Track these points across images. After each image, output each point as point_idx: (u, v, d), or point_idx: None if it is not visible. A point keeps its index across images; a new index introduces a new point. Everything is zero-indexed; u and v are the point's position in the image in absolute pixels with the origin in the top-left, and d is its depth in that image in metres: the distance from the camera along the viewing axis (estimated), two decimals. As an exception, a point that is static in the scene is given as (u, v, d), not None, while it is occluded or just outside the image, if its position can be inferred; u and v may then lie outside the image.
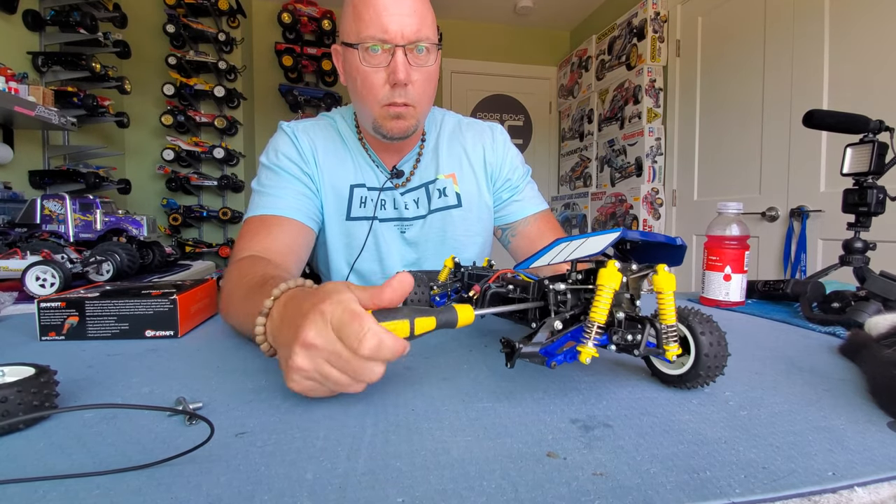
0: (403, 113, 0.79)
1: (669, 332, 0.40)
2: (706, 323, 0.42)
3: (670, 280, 0.40)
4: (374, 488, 0.28)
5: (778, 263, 1.99)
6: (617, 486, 0.28)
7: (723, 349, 0.41)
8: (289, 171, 0.86)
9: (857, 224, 0.78)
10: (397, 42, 0.74)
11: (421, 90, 0.79)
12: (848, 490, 0.28)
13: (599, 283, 0.39)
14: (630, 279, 0.43)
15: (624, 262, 0.42)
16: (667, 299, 0.40)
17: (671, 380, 0.44)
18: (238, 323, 0.59)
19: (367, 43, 0.74)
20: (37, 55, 2.07)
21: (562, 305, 0.44)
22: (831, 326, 0.67)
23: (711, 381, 0.42)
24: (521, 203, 0.99)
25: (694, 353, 0.41)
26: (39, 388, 0.36)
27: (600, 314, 0.39)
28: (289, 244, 0.80)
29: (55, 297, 0.60)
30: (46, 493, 0.27)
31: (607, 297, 0.39)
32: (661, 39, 2.63)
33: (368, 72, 0.77)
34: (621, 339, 0.41)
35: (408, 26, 0.74)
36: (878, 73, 1.61)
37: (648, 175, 2.66)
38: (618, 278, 0.39)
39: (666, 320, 0.40)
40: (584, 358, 0.38)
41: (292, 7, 3.04)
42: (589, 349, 0.38)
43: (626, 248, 0.45)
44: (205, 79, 2.88)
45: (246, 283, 0.60)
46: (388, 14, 0.73)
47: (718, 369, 0.42)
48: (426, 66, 0.78)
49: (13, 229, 1.42)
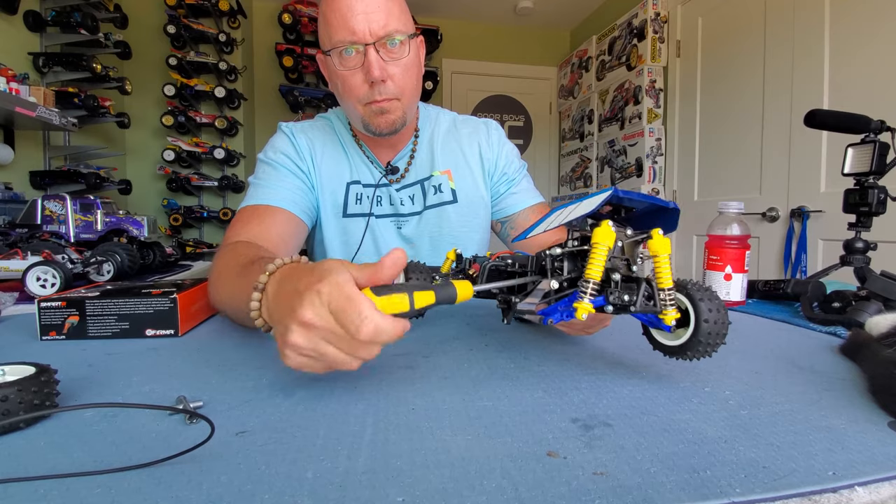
0: (387, 107, 0.80)
1: (666, 295, 0.40)
2: (705, 291, 0.41)
3: (665, 244, 0.40)
4: (374, 487, 0.28)
5: (778, 264, 1.99)
6: (617, 486, 0.28)
7: (723, 317, 0.40)
8: (285, 166, 0.88)
9: (857, 224, 0.78)
10: (367, 41, 0.74)
11: (401, 82, 0.80)
12: (848, 490, 0.28)
13: (594, 241, 0.39)
14: (626, 244, 0.43)
15: (620, 227, 0.42)
16: (662, 262, 0.40)
17: (672, 351, 0.43)
18: (230, 298, 0.58)
19: (339, 47, 0.76)
20: (38, 56, 2.08)
21: (559, 271, 0.45)
22: (832, 326, 0.67)
23: (714, 351, 0.41)
24: (519, 196, 0.99)
25: (693, 320, 0.41)
26: (40, 387, 0.36)
27: (596, 271, 0.39)
28: (280, 233, 0.81)
29: (55, 297, 0.60)
30: (47, 492, 0.27)
31: (602, 254, 0.39)
32: (662, 40, 2.63)
33: (346, 75, 0.78)
34: (618, 298, 0.41)
35: (374, 22, 0.74)
36: (879, 73, 1.61)
37: (649, 175, 2.65)
38: (611, 236, 0.39)
39: (662, 283, 0.40)
40: (581, 314, 0.39)
41: (293, 7, 3.04)
42: (585, 305, 0.39)
43: (623, 214, 0.46)
44: (205, 79, 2.88)
45: (239, 261, 0.60)
46: (354, 14, 0.74)
47: (720, 337, 0.41)
48: (402, 59, 0.78)
49: (14, 230, 1.42)
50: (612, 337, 0.60)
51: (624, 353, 0.54)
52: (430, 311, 0.77)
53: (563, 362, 0.51)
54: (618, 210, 0.45)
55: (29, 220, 1.46)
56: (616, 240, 0.41)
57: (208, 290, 0.69)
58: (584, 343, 0.58)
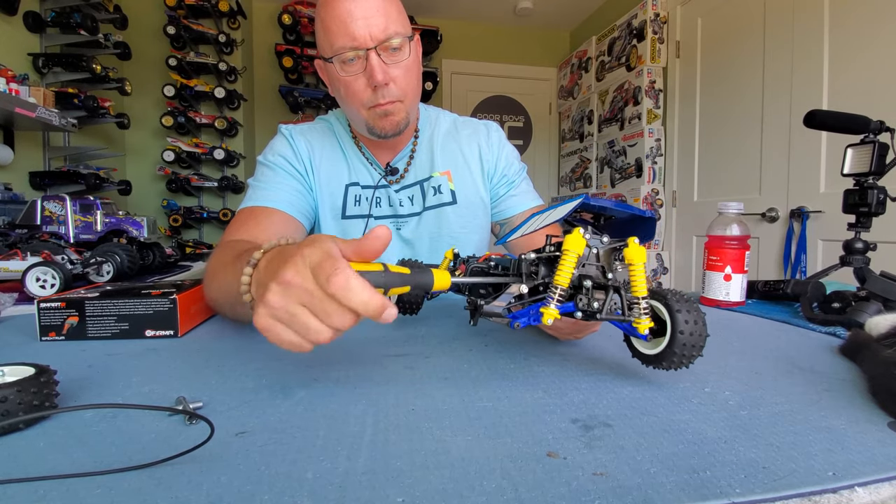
0: (391, 109, 0.81)
1: (640, 303, 0.40)
2: (685, 302, 0.41)
3: (640, 252, 0.40)
4: (374, 488, 0.28)
5: (778, 264, 1.99)
6: (617, 486, 0.28)
7: (700, 328, 0.40)
8: (283, 168, 0.89)
9: (857, 224, 0.78)
10: (368, 45, 0.75)
11: (404, 83, 0.80)
12: (848, 490, 0.28)
13: (564, 248, 0.40)
14: (602, 252, 0.43)
15: (595, 234, 0.42)
16: (637, 271, 0.40)
17: (648, 360, 0.43)
18: (225, 287, 0.58)
19: (340, 53, 0.76)
20: (37, 56, 2.08)
21: (534, 275, 0.45)
22: (832, 326, 0.67)
23: (690, 363, 0.41)
24: (518, 198, 0.99)
25: (670, 330, 0.41)
26: (39, 387, 0.36)
27: (563, 277, 0.40)
28: (277, 235, 0.81)
29: (55, 298, 0.60)
30: (47, 492, 0.27)
31: (571, 261, 0.40)
32: (661, 40, 2.63)
33: (349, 80, 0.79)
34: (586, 305, 0.41)
35: (374, 27, 0.74)
36: (879, 73, 1.61)
37: (648, 176, 2.66)
38: (581, 244, 0.40)
39: (636, 292, 0.40)
40: (546, 319, 0.39)
41: (292, 8, 3.04)
42: (551, 310, 0.39)
43: (602, 222, 0.46)
44: (205, 80, 2.88)
45: (233, 254, 0.61)
46: (353, 20, 0.74)
47: (696, 349, 0.40)
48: (403, 61, 0.79)
49: (13, 230, 1.42)
50: (611, 338, 0.60)
51: (624, 354, 0.54)
52: (430, 311, 0.77)
53: (563, 363, 0.51)
54: (598, 217, 0.46)
55: (28, 220, 1.46)
56: (590, 247, 0.42)
57: (203, 288, 0.69)
58: (584, 344, 0.58)
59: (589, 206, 0.41)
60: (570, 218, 0.46)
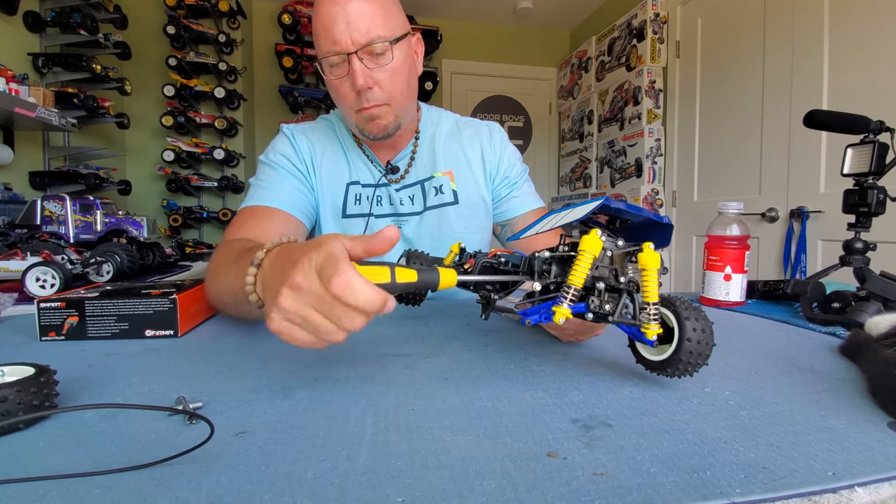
0: (376, 113, 0.81)
1: (650, 308, 0.40)
2: (693, 310, 0.41)
3: (655, 258, 0.40)
4: (374, 488, 0.28)
5: (778, 264, 1.99)
6: (617, 486, 0.28)
7: (707, 337, 0.40)
8: (284, 168, 0.89)
9: (857, 224, 0.78)
10: (349, 50, 0.75)
11: (389, 87, 0.80)
12: (848, 490, 0.28)
13: (581, 249, 0.40)
14: (616, 255, 0.43)
15: (612, 237, 0.42)
16: (650, 277, 0.40)
17: (653, 366, 0.43)
18: (227, 286, 0.59)
19: (326, 57, 0.77)
20: (37, 56, 2.07)
21: (546, 274, 0.45)
22: (831, 326, 0.67)
23: (694, 371, 0.41)
24: (520, 199, 0.99)
25: (677, 337, 0.41)
26: (39, 387, 0.36)
27: (578, 277, 0.39)
28: (277, 234, 0.81)
29: (55, 298, 0.60)
30: (47, 492, 0.27)
31: (586, 262, 0.39)
32: (661, 40, 2.63)
33: (336, 83, 0.80)
34: (598, 307, 0.41)
35: (356, 31, 0.74)
36: (879, 73, 1.61)
37: (648, 176, 2.66)
38: (598, 245, 0.39)
39: (647, 297, 0.40)
40: (558, 318, 0.39)
41: (292, 8, 3.04)
42: (564, 310, 0.39)
43: (617, 225, 0.46)
44: (205, 80, 2.88)
45: (235, 253, 0.61)
46: (336, 25, 0.74)
47: (702, 357, 0.41)
48: (387, 65, 0.78)
49: (13, 230, 1.42)
50: (612, 338, 0.60)
51: (624, 354, 0.54)
52: (431, 310, 0.78)
53: (563, 363, 0.51)
54: (613, 220, 0.45)
55: (28, 220, 1.46)
56: (605, 250, 0.41)
57: (205, 287, 0.69)
58: (585, 344, 0.58)
59: (608, 208, 0.41)
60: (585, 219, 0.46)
